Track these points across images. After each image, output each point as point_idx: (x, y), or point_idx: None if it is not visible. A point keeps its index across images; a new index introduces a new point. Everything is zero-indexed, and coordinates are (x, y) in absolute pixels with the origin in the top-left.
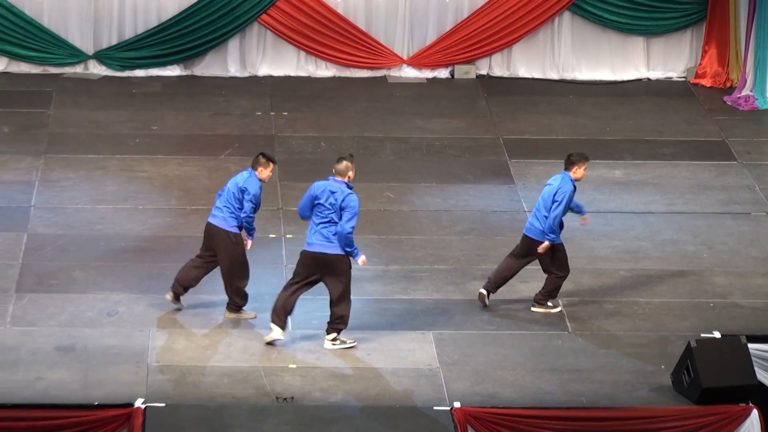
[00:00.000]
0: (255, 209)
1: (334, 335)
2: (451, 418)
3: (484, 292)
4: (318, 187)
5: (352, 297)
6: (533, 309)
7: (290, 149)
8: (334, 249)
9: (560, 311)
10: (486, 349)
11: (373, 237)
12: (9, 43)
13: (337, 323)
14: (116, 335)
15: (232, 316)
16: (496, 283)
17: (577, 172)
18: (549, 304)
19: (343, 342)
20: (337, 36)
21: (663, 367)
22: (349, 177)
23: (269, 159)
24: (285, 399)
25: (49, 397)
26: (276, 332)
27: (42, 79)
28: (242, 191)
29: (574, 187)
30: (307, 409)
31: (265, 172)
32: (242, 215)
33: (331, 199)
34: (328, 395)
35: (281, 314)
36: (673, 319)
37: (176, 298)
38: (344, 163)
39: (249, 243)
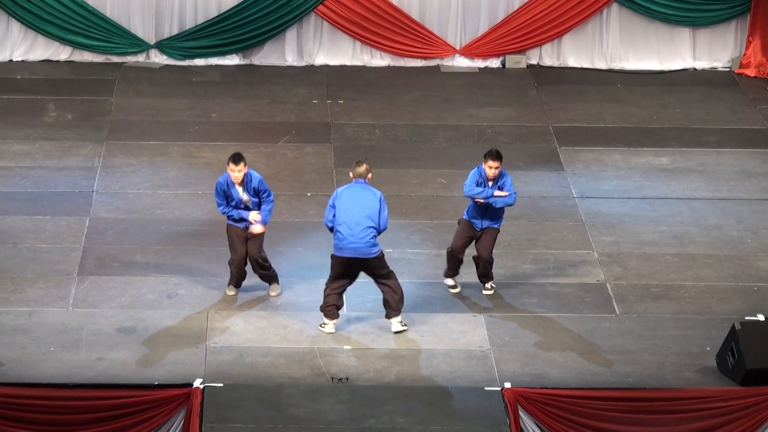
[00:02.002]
0: (218, 204)
1: (400, 317)
2: (501, 399)
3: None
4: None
5: (406, 280)
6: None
7: (346, 136)
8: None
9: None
10: (536, 331)
11: (426, 222)
12: (73, 33)
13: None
14: (176, 317)
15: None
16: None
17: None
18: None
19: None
20: (391, 26)
21: (708, 348)
22: (368, 178)
23: (230, 160)
24: (340, 379)
25: (110, 377)
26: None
27: (105, 68)
28: None
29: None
30: (362, 389)
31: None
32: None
33: None
34: (382, 376)
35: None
36: (718, 302)
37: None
38: (365, 166)
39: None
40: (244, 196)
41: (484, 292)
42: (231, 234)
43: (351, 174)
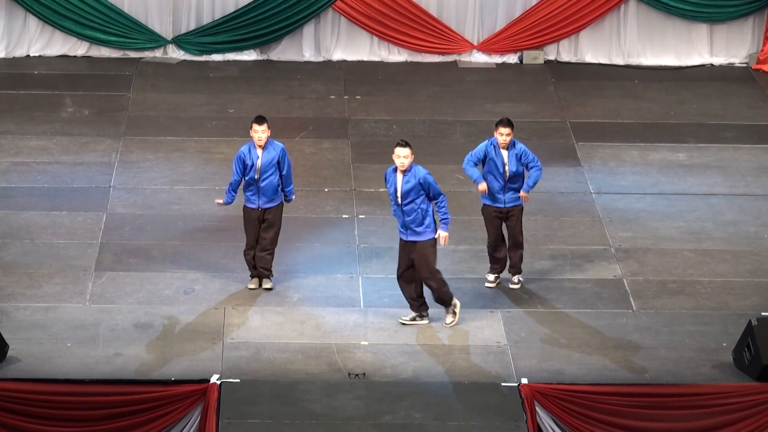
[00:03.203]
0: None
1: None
2: (518, 394)
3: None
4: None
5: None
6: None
7: (363, 132)
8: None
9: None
10: (552, 326)
11: None
12: (90, 29)
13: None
14: (193, 313)
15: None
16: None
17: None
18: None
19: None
20: (409, 22)
21: (725, 344)
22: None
23: (254, 121)
24: (357, 375)
25: (126, 373)
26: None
27: (122, 63)
28: None
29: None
30: (379, 385)
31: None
32: None
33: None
34: (399, 371)
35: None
36: (735, 297)
37: None
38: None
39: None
40: (260, 162)
41: (511, 285)
42: (245, 216)
43: None
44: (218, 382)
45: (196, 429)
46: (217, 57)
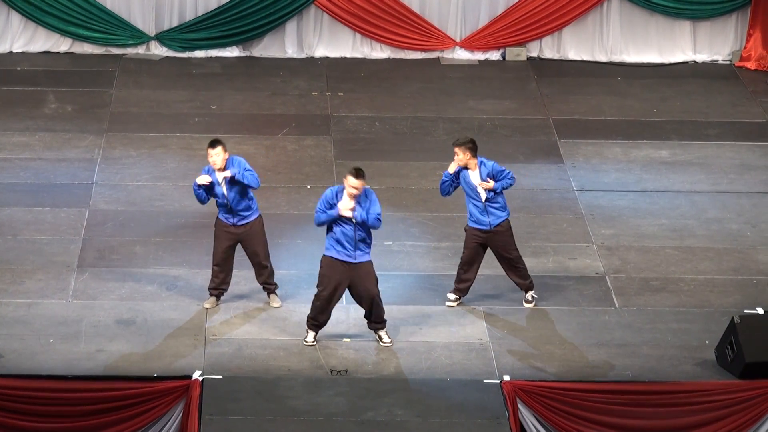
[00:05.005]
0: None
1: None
2: (500, 391)
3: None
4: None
5: (405, 273)
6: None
7: (345, 129)
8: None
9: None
10: (535, 324)
11: (425, 214)
12: (73, 25)
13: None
14: (175, 309)
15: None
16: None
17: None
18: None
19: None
20: (391, 19)
21: (707, 342)
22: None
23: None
24: (339, 372)
25: (109, 369)
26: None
27: (104, 60)
28: None
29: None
30: (361, 382)
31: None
32: None
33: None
34: (381, 368)
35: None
36: (718, 295)
37: None
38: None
39: None
40: (224, 187)
41: (525, 304)
42: (217, 231)
43: None
44: (200, 379)
45: (178, 425)
46: (199, 53)
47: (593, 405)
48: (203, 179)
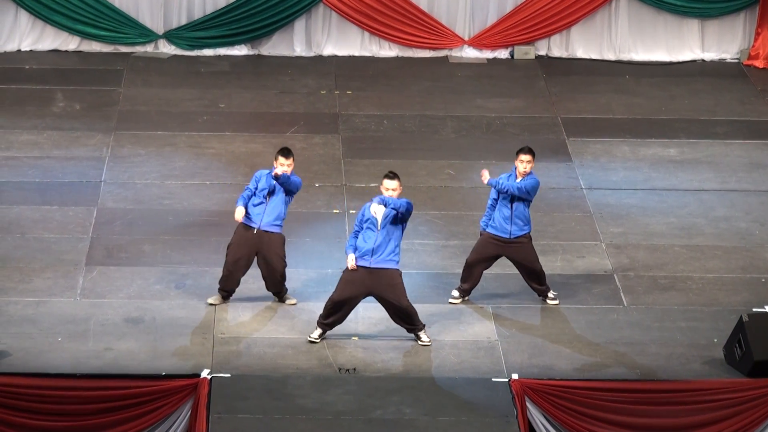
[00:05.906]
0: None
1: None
2: (509, 390)
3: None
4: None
5: (413, 271)
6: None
7: (354, 127)
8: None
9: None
10: (543, 322)
11: (434, 213)
12: (81, 23)
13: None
14: (183, 307)
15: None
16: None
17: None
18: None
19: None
20: (400, 17)
21: (716, 340)
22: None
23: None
24: (347, 370)
25: (117, 367)
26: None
27: (113, 58)
28: None
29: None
30: (369, 380)
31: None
32: None
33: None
34: (390, 366)
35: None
36: (726, 293)
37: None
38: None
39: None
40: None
41: (550, 302)
42: (237, 236)
43: None
44: (209, 377)
45: (187, 424)
46: (208, 52)
47: (601, 403)
48: (239, 213)
